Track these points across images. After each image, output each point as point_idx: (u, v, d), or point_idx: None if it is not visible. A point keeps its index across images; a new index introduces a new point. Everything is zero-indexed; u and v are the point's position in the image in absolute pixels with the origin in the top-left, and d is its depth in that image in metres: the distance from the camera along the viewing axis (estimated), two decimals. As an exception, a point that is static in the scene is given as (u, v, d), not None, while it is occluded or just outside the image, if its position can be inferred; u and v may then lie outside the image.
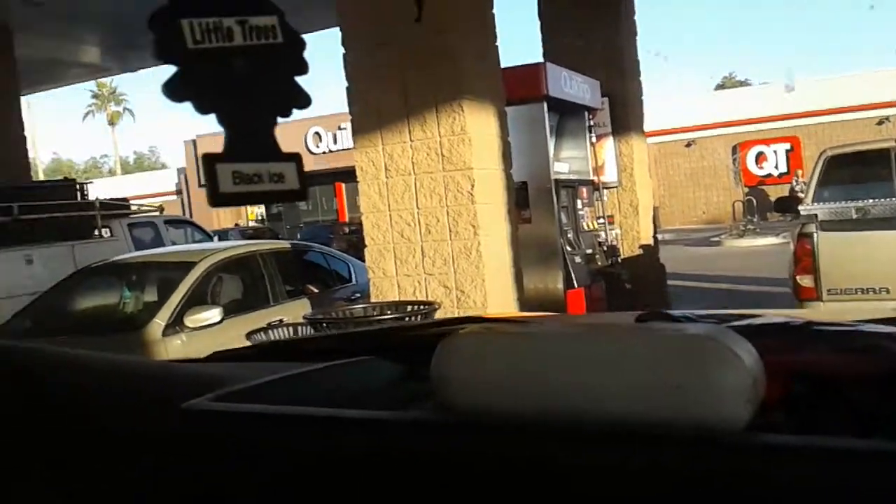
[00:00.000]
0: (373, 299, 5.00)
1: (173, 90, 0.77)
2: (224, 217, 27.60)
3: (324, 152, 25.20)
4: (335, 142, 25.12)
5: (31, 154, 11.88)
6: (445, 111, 4.45)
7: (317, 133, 25.23)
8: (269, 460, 0.60)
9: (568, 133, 6.40)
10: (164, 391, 0.74)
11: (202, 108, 0.79)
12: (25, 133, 11.28)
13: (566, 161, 6.38)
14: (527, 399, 0.63)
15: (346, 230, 21.98)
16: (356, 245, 17.00)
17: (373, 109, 4.62)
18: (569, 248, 6.11)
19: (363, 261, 8.06)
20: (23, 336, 4.93)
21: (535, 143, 5.63)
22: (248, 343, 5.29)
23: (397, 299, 4.83)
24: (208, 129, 33.82)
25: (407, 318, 4.52)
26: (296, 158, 0.85)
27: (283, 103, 0.84)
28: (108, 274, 6.00)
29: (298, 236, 19.40)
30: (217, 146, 0.81)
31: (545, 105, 5.65)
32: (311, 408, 0.70)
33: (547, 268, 5.90)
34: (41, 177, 12.73)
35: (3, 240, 8.87)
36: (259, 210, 28.89)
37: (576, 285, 6.08)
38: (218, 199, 0.81)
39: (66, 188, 9.92)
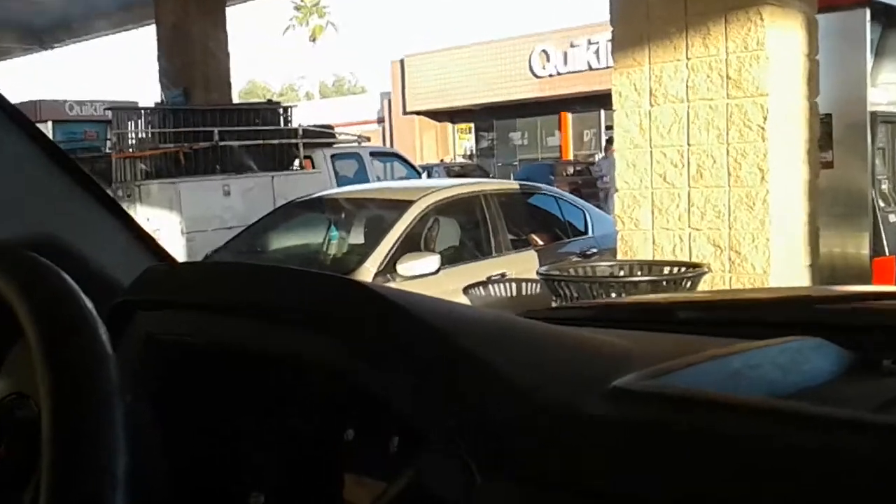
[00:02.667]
0: (619, 256, 4.87)
1: None
2: (428, 150, 28.45)
3: (550, 75, 25.02)
4: (565, 62, 24.80)
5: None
6: (737, 21, 4.15)
7: (544, 51, 25.05)
8: (740, 460, 0.54)
9: (894, 51, 5.80)
10: (586, 363, 0.73)
11: None
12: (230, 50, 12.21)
13: (888, 88, 5.79)
14: None
15: (571, 170, 21.85)
16: (580, 189, 16.80)
17: (641, 19, 4.42)
18: (882, 204, 5.62)
19: (599, 209, 7.98)
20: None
21: (847, 64, 5.15)
22: (464, 297, 5.43)
23: (651, 258, 4.66)
24: (417, 49, 34.75)
25: (664, 283, 4.37)
26: None
27: None
28: (314, 210, 6.33)
29: (512, 176, 19.54)
30: (426, 66, 0.70)
31: (867, 12, 5.14)
32: (799, 403, 0.65)
33: (850, 227, 5.47)
34: (236, 100, 13.77)
35: (201, 167, 9.72)
36: (468, 144, 29.49)
37: (887, 252, 5.62)
38: None
39: (269, 112, 10.61)
